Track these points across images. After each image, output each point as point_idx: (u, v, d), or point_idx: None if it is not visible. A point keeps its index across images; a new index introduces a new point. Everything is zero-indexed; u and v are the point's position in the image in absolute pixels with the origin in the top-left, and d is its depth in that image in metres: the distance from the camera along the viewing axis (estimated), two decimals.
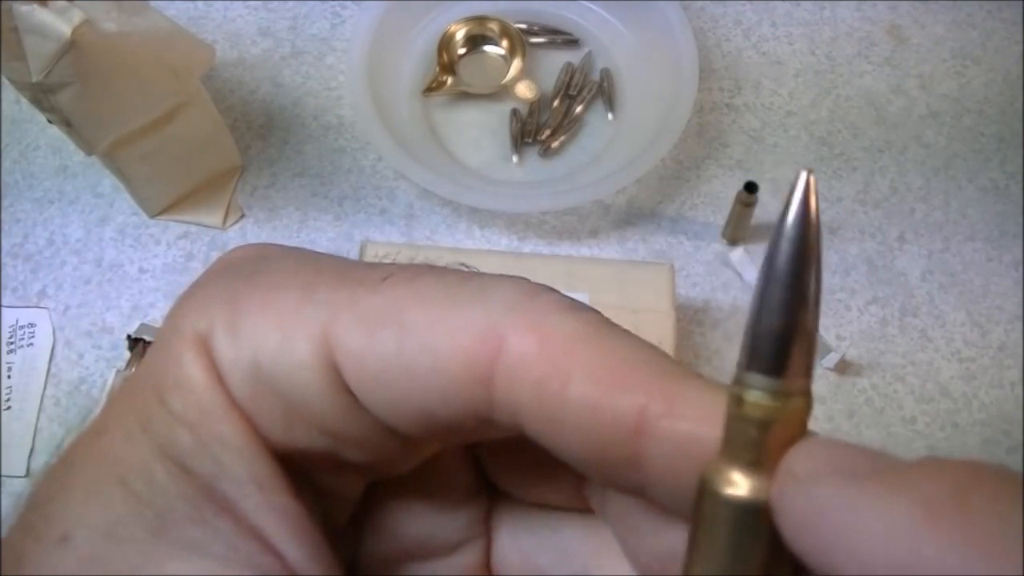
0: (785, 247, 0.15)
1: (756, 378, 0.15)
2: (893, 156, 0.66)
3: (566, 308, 0.17)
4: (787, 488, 0.14)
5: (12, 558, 0.17)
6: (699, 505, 0.16)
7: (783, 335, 0.15)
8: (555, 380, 0.16)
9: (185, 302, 0.19)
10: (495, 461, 0.21)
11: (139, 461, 0.17)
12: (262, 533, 0.17)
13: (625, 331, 0.17)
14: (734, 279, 0.62)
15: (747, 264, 0.62)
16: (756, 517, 0.15)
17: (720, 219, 0.63)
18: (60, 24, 0.46)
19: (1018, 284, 0.62)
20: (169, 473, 0.17)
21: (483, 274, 0.18)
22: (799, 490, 0.14)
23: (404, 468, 0.20)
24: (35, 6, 0.45)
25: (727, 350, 0.60)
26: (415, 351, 0.17)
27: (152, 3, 0.52)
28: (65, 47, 0.46)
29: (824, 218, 0.64)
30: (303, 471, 0.19)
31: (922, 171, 0.66)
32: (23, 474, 0.56)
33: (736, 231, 0.62)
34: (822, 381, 0.59)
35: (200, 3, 0.70)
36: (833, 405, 0.58)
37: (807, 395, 0.15)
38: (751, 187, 0.58)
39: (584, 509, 0.20)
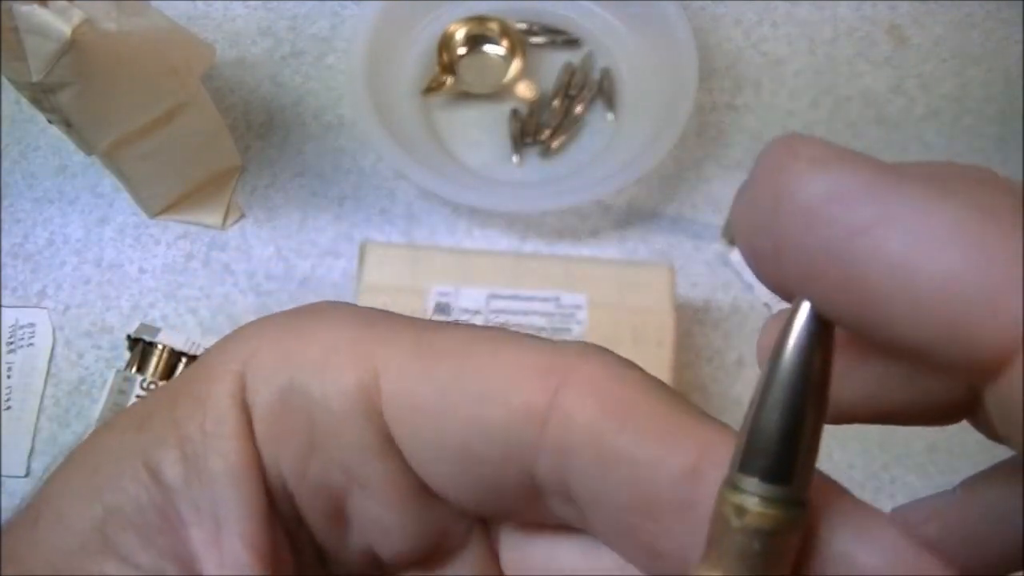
0: (791, 352, 0.14)
1: (750, 482, 0.14)
2: (893, 156, 0.66)
3: (629, 364, 0.17)
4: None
5: (5, 529, 0.18)
6: None
7: (783, 441, 0.14)
8: (612, 421, 0.16)
9: (239, 329, 0.19)
10: (513, 553, 0.20)
11: (116, 458, 0.17)
12: (197, 567, 0.17)
13: (681, 394, 0.17)
14: (734, 279, 0.62)
15: (747, 264, 0.62)
16: None
17: (720, 219, 0.63)
18: (60, 24, 0.46)
19: None
20: (135, 476, 0.17)
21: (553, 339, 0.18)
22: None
23: (419, 549, 0.18)
24: (35, 6, 0.45)
25: (727, 350, 0.60)
26: (470, 382, 0.16)
27: (152, 3, 0.52)
28: (65, 47, 0.46)
29: None
30: (309, 529, 0.18)
31: None
32: (23, 474, 0.56)
33: None
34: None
35: (200, 3, 0.70)
36: None
37: (803, 503, 0.14)
38: None
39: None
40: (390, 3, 0.66)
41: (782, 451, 0.14)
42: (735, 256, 0.62)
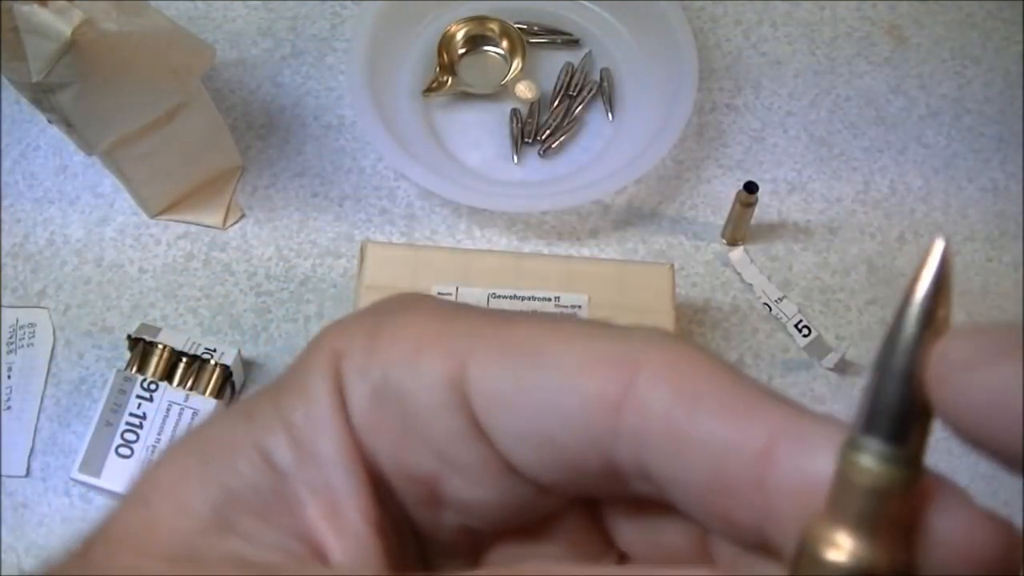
0: (916, 313, 0.15)
1: (873, 442, 0.15)
2: (893, 156, 0.66)
3: (698, 348, 0.17)
4: (954, 377, 0.14)
5: (105, 519, 0.18)
6: (797, 563, 0.15)
7: (906, 402, 0.15)
8: (686, 406, 0.16)
9: (331, 325, 0.20)
10: (617, 519, 0.20)
11: (228, 446, 0.18)
12: (319, 542, 0.18)
13: (751, 377, 0.17)
14: (734, 279, 0.62)
15: (747, 264, 0.62)
16: None
17: (720, 219, 0.63)
18: (60, 24, 0.46)
19: (1018, 284, 0.62)
20: (251, 462, 0.18)
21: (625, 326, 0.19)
22: (969, 374, 0.14)
23: (514, 521, 0.19)
24: (35, 6, 0.45)
25: (727, 350, 0.60)
26: (548, 373, 0.17)
27: (152, 3, 0.52)
28: (65, 47, 0.46)
29: (824, 218, 0.64)
30: (406, 509, 0.19)
31: (922, 171, 0.66)
32: (23, 474, 0.56)
33: (736, 231, 0.62)
34: (822, 381, 0.59)
35: (200, 3, 0.70)
36: (833, 405, 0.58)
37: (921, 467, 0.15)
38: (751, 187, 0.58)
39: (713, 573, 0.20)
40: (390, 3, 0.66)
41: (901, 411, 0.15)
42: (735, 256, 0.62)
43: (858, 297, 0.61)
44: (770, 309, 0.61)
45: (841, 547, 0.15)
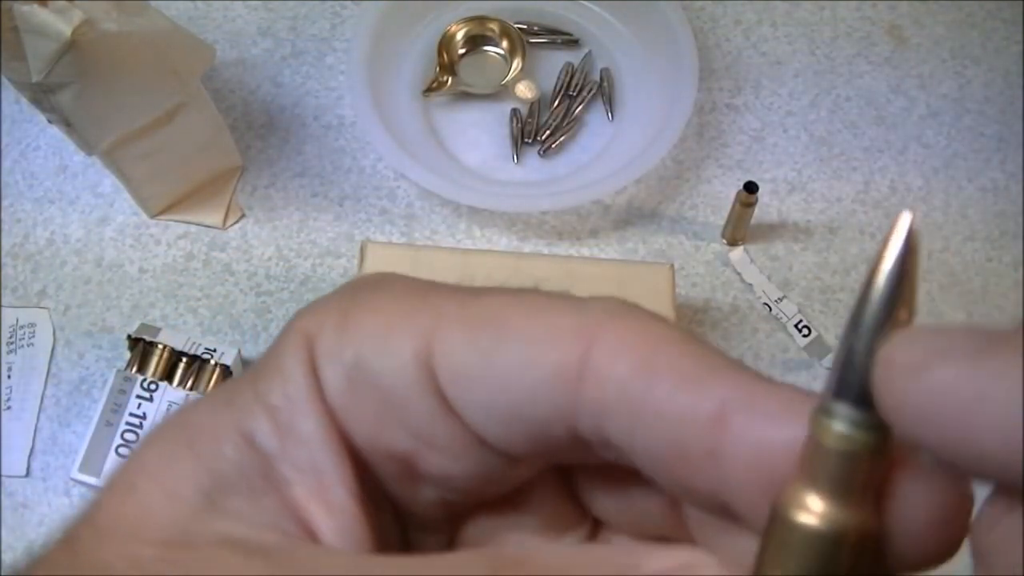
0: (884, 278, 0.15)
1: (843, 407, 0.15)
2: (893, 156, 0.66)
3: (656, 319, 0.18)
4: (896, 382, 0.14)
5: (90, 507, 0.18)
6: (770, 528, 0.16)
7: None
8: (641, 377, 0.17)
9: (304, 309, 0.20)
10: (590, 487, 0.21)
11: (211, 430, 0.19)
12: (308, 520, 0.18)
13: (710, 344, 0.17)
14: (734, 279, 0.62)
15: (747, 264, 0.62)
16: (827, 546, 0.15)
17: (720, 219, 0.63)
18: (60, 24, 0.46)
19: (1018, 284, 0.62)
20: (235, 445, 0.18)
21: (585, 296, 0.19)
22: (911, 379, 0.14)
23: (489, 491, 0.20)
24: (35, 6, 0.45)
25: (727, 350, 0.59)
26: (510, 348, 0.17)
27: (152, 3, 0.52)
28: (65, 47, 0.46)
29: (824, 218, 0.64)
30: (384, 485, 0.19)
31: (922, 171, 0.66)
32: (23, 474, 0.56)
33: (736, 231, 0.62)
34: (822, 381, 0.59)
35: (200, 3, 0.70)
36: None
37: (890, 431, 0.15)
38: (751, 187, 0.58)
39: (686, 538, 0.20)
40: (390, 3, 0.66)
41: (864, 375, 0.15)
42: (735, 256, 0.62)
43: None
44: (770, 309, 0.61)
45: (812, 510, 0.15)
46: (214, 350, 0.55)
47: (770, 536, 0.16)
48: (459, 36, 0.68)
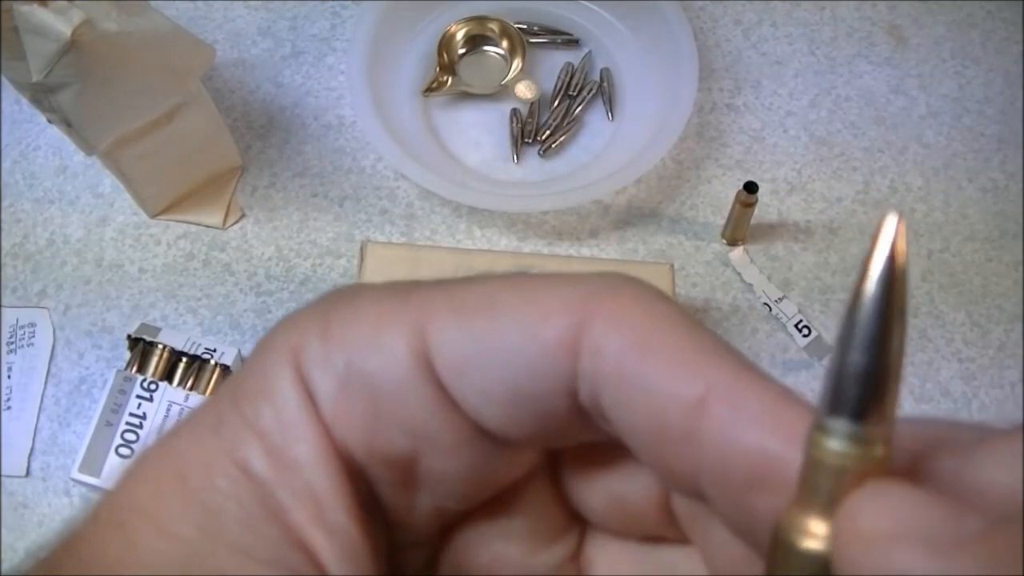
0: (872, 289, 0.14)
1: (838, 423, 0.15)
2: (893, 156, 0.66)
3: (656, 293, 0.18)
4: (853, 547, 0.14)
5: (73, 538, 0.18)
6: (772, 552, 0.15)
7: (869, 378, 0.14)
8: (634, 352, 0.17)
9: (281, 322, 0.19)
10: (579, 485, 0.21)
11: (202, 460, 0.18)
12: (309, 547, 0.17)
13: (705, 326, 0.17)
14: (734, 279, 0.62)
15: (747, 264, 0.62)
16: (830, 568, 0.15)
17: (720, 219, 0.63)
18: (60, 24, 0.46)
19: (1018, 284, 0.62)
20: (228, 475, 0.17)
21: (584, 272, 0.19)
22: (869, 552, 0.14)
23: (485, 491, 0.20)
24: (35, 6, 0.45)
25: None
26: (506, 328, 0.17)
27: (152, 3, 0.52)
28: (65, 47, 0.46)
29: (824, 218, 0.64)
30: (379, 498, 0.19)
31: (922, 171, 0.66)
32: (23, 474, 0.56)
33: (736, 231, 0.62)
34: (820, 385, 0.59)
35: (200, 3, 0.70)
36: None
37: (889, 443, 0.15)
38: (751, 187, 0.58)
39: (678, 539, 0.20)
40: (390, 3, 0.66)
41: (858, 389, 0.14)
42: (735, 256, 0.62)
43: None
44: (770, 309, 0.61)
45: (813, 534, 0.15)
46: (214, 350, 0.55)
47: (773, 559, 0.15)
48: (459, 36, 0.68)
